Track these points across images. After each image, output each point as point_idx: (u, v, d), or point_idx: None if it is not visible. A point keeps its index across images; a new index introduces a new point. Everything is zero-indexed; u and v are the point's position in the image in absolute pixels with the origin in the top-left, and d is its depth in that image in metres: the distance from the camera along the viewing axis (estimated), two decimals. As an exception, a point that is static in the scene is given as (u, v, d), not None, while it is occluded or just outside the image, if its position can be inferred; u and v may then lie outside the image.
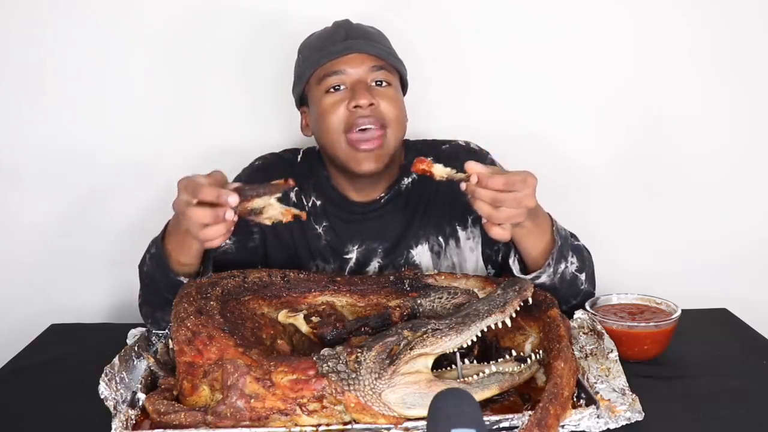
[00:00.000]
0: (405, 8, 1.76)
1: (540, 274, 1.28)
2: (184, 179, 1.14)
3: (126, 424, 1.02)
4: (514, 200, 1.13)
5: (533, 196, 1.15)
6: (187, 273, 1.29)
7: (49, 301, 1.80)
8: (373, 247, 1.51)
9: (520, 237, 1.26)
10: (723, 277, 1.85)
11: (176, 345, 1.10)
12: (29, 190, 1.81)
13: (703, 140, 1.83)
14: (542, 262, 1.28)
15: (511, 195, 1.13)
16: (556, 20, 1.78)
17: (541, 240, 1.27)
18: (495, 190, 1.13)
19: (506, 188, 1.13)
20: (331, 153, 1.44)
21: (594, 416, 1.02)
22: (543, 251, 1.27)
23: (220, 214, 1.11)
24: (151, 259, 1.32)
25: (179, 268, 1.28)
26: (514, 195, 1.13)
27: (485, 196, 1.13)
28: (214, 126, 1.79)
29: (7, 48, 1.75)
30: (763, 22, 1.79)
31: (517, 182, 1.13)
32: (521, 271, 1.31)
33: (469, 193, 1.15)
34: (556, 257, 1.27)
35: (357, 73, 1.41)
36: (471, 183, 1.14)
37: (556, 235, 1.27)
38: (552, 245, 1.27)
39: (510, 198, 1.13)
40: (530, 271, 1.29)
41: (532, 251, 1.28)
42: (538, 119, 1.81)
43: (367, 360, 1.04)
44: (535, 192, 1.15)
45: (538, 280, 1.29)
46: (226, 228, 1.14)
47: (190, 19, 1.76)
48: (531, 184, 1.15)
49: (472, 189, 1.14)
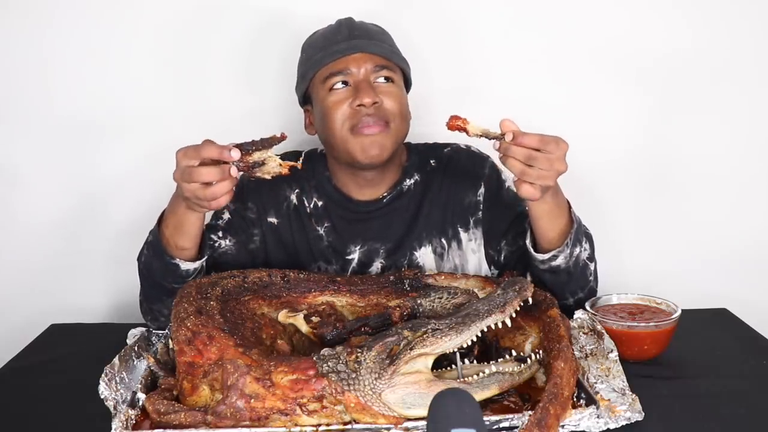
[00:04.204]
0: (408, 7, 1.75)
1: (558, 253, 1.29)
2: (183, 148, 1.18)
3: (126, 424, 1.02)
4: (547, 160, 1.15)
5: (564, 160, 1.17)
6: (185, 258, 1.30)
7: (49, 301, 1.80)
8: (375, 248, 1.51)
9: (540, 213, 1.27)
10: (723, 277, 1.85)
11: (176, 345, 1.10)
12: (29, 190, 1.81)
13: (703, 141, 1.83)
14: (558, 243, 1.29)
15: (543, 155, 1.15)
16: (561, 21, 1.78)
17: (559, 220, 1.28)
18: (529, 148, 1.15)
19: (540, 147, 1.15)
20: (336, 149, 1.44)
21: (594, 416, 1.02)
22: (560, 232, 1.29)
23: (225, 170, 1.15)
24: (148, 248, 1.33)
25: (177, 253, 1.30)
26: (547, 155, 1.15)
27: (519, 154, 1.16)
28: (217, 125, 1.78)
29: (8, 47, 1.75)
30: (763, 22, 1.79)
31: (551, 143, 1.16)
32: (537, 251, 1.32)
33: (502, 151, 1.18)
34: (573, 239, 1.29)
35: (360, 72, 1.41)
36: (506, 141, 1.16)
37: (574, 217, 1.29)
38: (569, 227, 1.29)
39: (543, 157, 1.15)
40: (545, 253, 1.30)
41: (550, 232, 1.29)
42: (541, 121, 1.79)
43: (367, 360, 1.04)
44: (565, 156, 1.17)
45: (554, 261, 1.30)
46: (231, 185, 1.17)
47: (193, 18, 1.76)
48: (563, 148, 1.17)
49: (506, 146, 1.17)
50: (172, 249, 1.30)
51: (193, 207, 1.22)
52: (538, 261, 1.32)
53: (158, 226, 1.33)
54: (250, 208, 1.52)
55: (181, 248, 1.30)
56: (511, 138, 1.16)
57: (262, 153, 1.17)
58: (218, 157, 1.14)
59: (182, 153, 1.17)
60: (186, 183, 1.17)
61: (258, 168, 1.17)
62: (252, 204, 1.52)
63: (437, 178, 1.53)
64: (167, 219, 1.30)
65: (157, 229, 1.32)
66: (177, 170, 1.18)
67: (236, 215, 1.51)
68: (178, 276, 1.31)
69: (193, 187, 1.16)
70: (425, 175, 1.53)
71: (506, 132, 1.17)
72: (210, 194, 1.16)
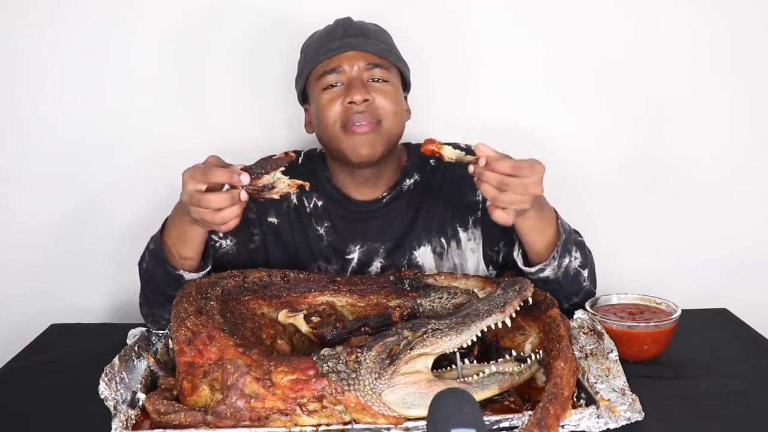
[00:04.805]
0: (408, 7, 1.75)
1: (545, 266, 1.28)
2: (189, 169, 1.16)
3: (126, 424, 1.02)
4: (521, 185, 1.14)
5: (540, 183, 1.16)
6: (188, 267, 1.29)
7: (49, 301, 1.80)
8: (374, 248, 1.51)
9: (524, 229, 1.26)
10: (723, 277, 1.85)
11: (176, 345, 1.10)
12: (29, 190, 1.81)
13: (704, 140, 1.83)
14: (546, 256, 1.28)
15: (517, 180, 1.14)
16: (558, 21, 1.78)
17: (545, 233, 1.27)
18: (502, 174, 1.13)
19: (513, 173, 1.13)
20: (329, 147, 1.44)
21: (594, 416, 1.02)
22: (547, 244, 1.28)
23: (235, 196, 1.13)
24: (150, 256, 1.33)
25: (180, 263, 1.29)
26: (520, 180, 1.14)
27: (492, 179, 1.14)
28: (218, 126, 1.79)
29: (8, 47, 1.75)
30: (763, 22, 1.79)
31: (525, 168, 1.14)
32: (525, 264, 1.32)
33: (476, 176, 1.16)
34: (561, 251, 1.28)
35: (353, 70, 1.41)
36: (479, 165, 1.15)
37: (561, 229, 1.28)
38: (556, 239, 1.28)
39: (516, 183, 1.14)
40: (534, 265, 1.29)
41: (536, 244, 1.28)
42: (540, 121, 1.81)
43: (367, 360, 1.04)
44: (542, 180, 1.16)
45: (542, 273, 1.29)
46: (240, 209, 1.16)
47: (194, 19, 1.76)
48: (539, 172, 1.15)
49: (479, 171, 1.15)
50: (174, 258, 1.29)
51: (198, 223, 1.21)
52: (526, 273, 1.31)
53: (160, 234, 1.31)
54: (251, 208, 1.52)
55: (185, 258, 1.29)
56: (485, 163, 1.14)
57: (271, 175, 1.16)
58: (227, 182, 1.13)
59: (189, 175, 1.15)
60: (194, 207, 1.15)
61: (267, 191, 1.16)
62: (252, 204, 1.52)
63: (437, 177, 1.53)
64: (170, 228, 1.29)
65: (160, 238, 1.31)
66: (184, 192, 1.16)
67: (236, 215, 1.51)
68: (180, 285, 1.30)
69: (202, 212, 1.15)
70: (425, 175, 1.53)
71: (480, 156, 1.15)
72: (219, 219, 1.14)
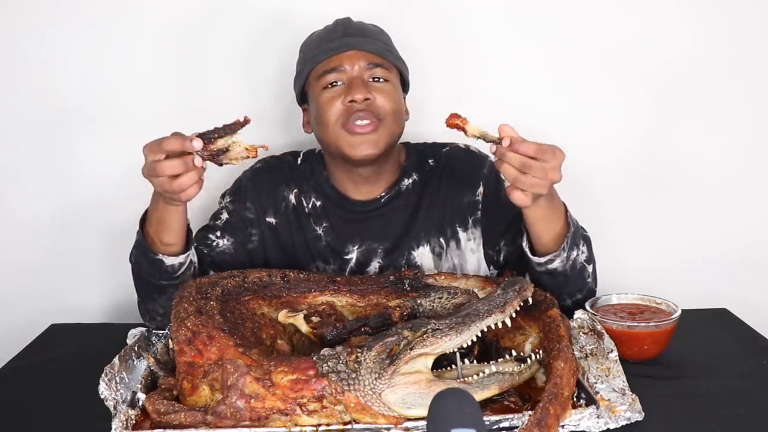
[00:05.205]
0: (408, 8, 1.75)
1: (554, 257, 1.29)
2: (147, 143, 1.17)
3: (126, 424, 1.02)
4: (541, 169, 1.15)
5: (559, 170, 1.17)
6: (172, 253, 1.31)
7: (49, 301, 1.80)
8: (373, 248, 1.51)
9: (534, 218, 1.27)
10: (723, 277, 1.85)
11: (176, 345, 1.10)
12: (29, 190, 1.81)
13: (704, 141, 1.83)
14: (552, 248, 1.29)
15: (539, 163, 1.15)
16: (557, 22, 1.78)
17: (553, 224, 1.28)
18: (525, 155, 1.14)
19: (536, 155, 1.14)
20: (329, 146, 1.44)
21: (594, 416, 1.02)
22: (554, 237, 1.29)
23: (189, 161, 1.14)
24: (136, 248, 1.34)
25: (163, 249, 1.30)
26: (542, 164, 1.15)
27: (514, 160, 1.15)
28: (217, 125, 1.78)
29: (8, 47, 1.75)
30: (763, 22, 1.79)
31: (548, 152, 1.15)
32: (533, 255, 1.32)
33: (498, 156, 1.17)
34: (570, 243, 1.29)
35: (354, 70, 1.42)
36: (502, 146, 1.16)
37: (570, 221, 1.29)
38: (565, 231, 1.29)
39: (538, 166, 1.15)
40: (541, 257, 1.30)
41: (544, 236, 1.29)
42: (540, 120, 1.79)
43: (367, 360, 1.04)
44: (560, 167, 1.17)
45: (551, 264, 1.30)
46: (197, 175, 1.16)
47: (193, 18, 1.76)
48: (559, 158, 1.17)
49: (502, 152, 1.16)
50: (157, 246, 1.30)
51: (168, 201, 1.23)
52: (534, 264, 1.32)
53: (142, 224, 1.33)
54: (249, 208, 1.52)
55: (167, 244, 1.30)
56: (508, 143, 1.15)
57: (226, 140, 1.16)
58: (181, 149, 1.14)
59: (148, 148, 1.17)
60: (153, 178, 1.17)
61: (223, 155, 1.16)
62: (250, 204, 1.52)
63: (435, 177, 1.53)
64: (150, 216, 1.30)
65: (141, 228, 1.32)
66: (144, 166, 1.18)
67: (235, 215, 1.51)
68: (164, 272, 1.31)
69: (160, 181, 1.16)
70: (423, 175, 1.53)
71: (504, 137, 1.16)
72: (177, 187, 1.15)
